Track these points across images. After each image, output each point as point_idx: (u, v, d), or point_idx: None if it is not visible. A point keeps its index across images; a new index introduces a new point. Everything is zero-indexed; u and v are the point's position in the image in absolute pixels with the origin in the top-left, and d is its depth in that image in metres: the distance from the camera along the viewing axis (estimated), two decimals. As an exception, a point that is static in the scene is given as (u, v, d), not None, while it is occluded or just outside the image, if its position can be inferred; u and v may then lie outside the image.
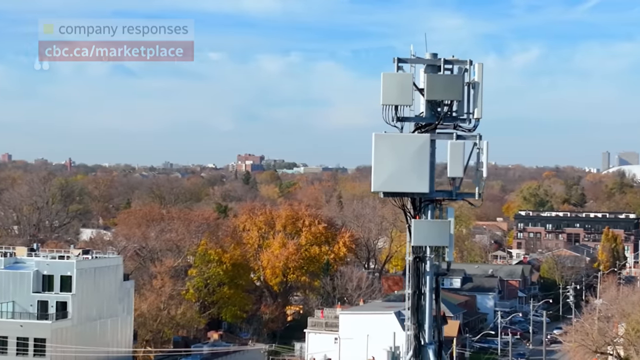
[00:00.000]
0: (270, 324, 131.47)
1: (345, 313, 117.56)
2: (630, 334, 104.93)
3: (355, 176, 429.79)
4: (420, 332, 28.01)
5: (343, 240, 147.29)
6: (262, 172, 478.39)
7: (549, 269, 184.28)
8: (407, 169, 27.25)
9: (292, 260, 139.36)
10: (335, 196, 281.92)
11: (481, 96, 27.56)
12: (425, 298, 28.08)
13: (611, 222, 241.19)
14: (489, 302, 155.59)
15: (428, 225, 27.68)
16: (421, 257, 27.96)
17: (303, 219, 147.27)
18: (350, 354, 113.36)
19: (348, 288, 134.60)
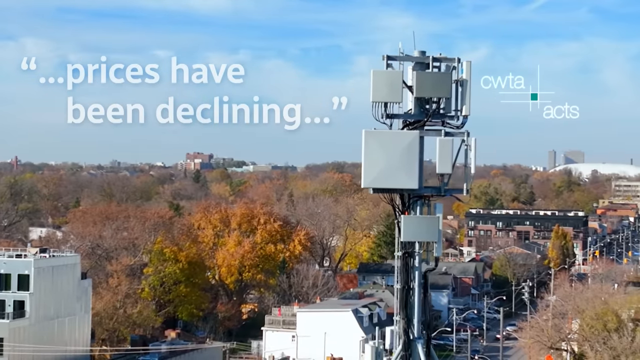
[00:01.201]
0: (227, 322, 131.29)
1: (302, 311, 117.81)
2: (584, 330, 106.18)
3: (305, 174, 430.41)
4: (410, 326, 28.30)
5: (298, 238, 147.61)
6: (211, 170, 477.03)
7: (501, 267, 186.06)
8: (396, 165, 27.57)
9: (247, 259, 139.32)
10: (286, 194, 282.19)
11: (469, 94, 27.95)
12: (414, 293, 28.39)
13: (560, 220, 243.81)
14: (442, 300, 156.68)
15: (417, 221, 28.02)
16: (410, 253, 28.24)
17: (258, 217, 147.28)
18: (307, 351, 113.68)
19: (304, 286, 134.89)
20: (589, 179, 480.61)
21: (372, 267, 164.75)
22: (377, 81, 27.65)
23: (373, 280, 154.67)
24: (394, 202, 28.41)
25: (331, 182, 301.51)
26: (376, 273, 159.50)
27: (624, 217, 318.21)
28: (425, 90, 27.72)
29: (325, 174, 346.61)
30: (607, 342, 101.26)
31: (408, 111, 28.28)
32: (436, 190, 28.37)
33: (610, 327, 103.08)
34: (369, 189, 28.17)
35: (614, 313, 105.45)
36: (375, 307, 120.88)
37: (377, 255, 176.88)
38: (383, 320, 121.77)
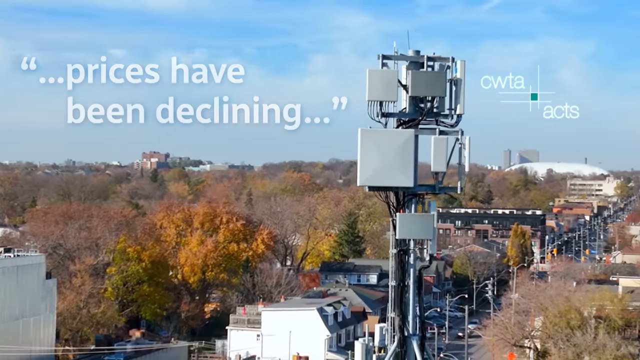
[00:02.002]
0: (191, 321, 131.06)
1: (267, 310, 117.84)
2: (548, 328, 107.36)
3: (262, 174, 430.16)
4: (405, 323, 28.53)
5: (261, 237, 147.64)
6: (168, 169, 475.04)
7: (462, 265, 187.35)
8: (392, 163, 27.80)
9: (210, 258, 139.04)
10: (245, 194, 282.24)
11: (463, 93, 28.23)
12: (409, 290, 28.63)
13: (518, 219, 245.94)
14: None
15: (413, 218, 28.26)
16: (405, 250, 28.47)
17: (221, 217, 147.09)
18: (272, 350, 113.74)
19: (268, 285, 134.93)
20: (545, 178, 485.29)
21: (334, 266, 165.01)
22: (372, 80, 27.87)
23: (335, 279, 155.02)
24: (389, 200, 28.60)
25: (290, 182, 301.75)
26: (338, 272, 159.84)
27: (579, 215, 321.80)
28: (421, 89, 27.98)
29: (284, 173, 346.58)
30: (571, 339, 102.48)
31: (402, 110, 28.51)
32: (431, 188, 28.65)
33: (574, 324, 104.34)
34: (364, 187, 28.30)
35: (577, 310, 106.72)
36: (340, 305, 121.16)
37: (339, 254, 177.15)
38: (347, 319, 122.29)
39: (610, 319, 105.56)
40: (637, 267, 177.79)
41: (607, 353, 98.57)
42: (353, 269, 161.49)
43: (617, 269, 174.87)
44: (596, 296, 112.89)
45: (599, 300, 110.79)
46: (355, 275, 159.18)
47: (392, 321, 28.86)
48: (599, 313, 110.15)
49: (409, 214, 28.11)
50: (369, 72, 27.77)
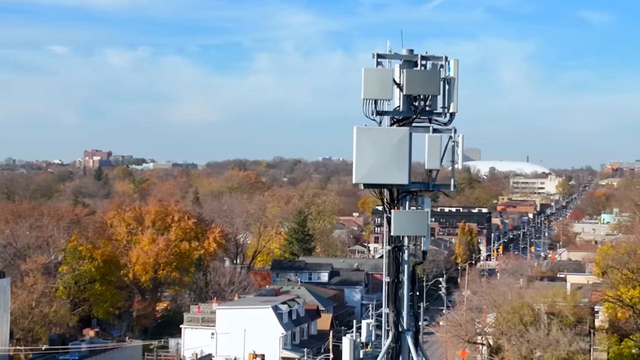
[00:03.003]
0: (143, 320, 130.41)
1: (222, 308, 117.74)
2: (501, 324, 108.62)
3: (207, 172, 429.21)
4: (399, 319, 28.81)
5: (213, 235, 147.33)
6: (111, 168, 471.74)
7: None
8: (387, 161, 28.04)
9: (162, 256, 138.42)
10: (191, 192, 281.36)
11: (457, 91, 28.57)
12: (403, 286, 28.93)
13: (465, 217, 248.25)
14: (356, 296, 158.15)
15: (407, 215, 28.52)
16: (399, 247, 28.74)
17: (173, 215, 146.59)
18: (227, 348, 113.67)
19: (221, 283, 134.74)
20: (487, 176, 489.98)
21: (286, 264, 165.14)
22: (367, 79, 28.04)
23: (287, 277, 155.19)
24: (384, 198, 28.87)
25: (236, 180, 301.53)
26: (289, 270, 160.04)
27: (523, 213, 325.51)
28: (415, 87, 28.20)
29: (229, 172, 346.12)
30: (524, 335, 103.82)
31: (396, 108, 28.76)
32: (424, 185, 28.93)
33: (527, 320, 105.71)
34: (360, 184, 28.51)
35: (529, 307, 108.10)
36: (294, 303, 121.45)
37: (289, 252, 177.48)
38: (302, 316, 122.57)
39: (562, 315, 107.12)
40: (583, 264, 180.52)
41: (560, 349, 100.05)
42: (304, 267, 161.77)
43: (563, 266, 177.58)
44: (548, 293, 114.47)
45: (551, 297, 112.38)
46: (306, 273, 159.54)
47: (386, 317, 29.09)
48: (551, 309, 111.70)
49: (404, 211, 28.37)
50: (365, 71, 27.96)
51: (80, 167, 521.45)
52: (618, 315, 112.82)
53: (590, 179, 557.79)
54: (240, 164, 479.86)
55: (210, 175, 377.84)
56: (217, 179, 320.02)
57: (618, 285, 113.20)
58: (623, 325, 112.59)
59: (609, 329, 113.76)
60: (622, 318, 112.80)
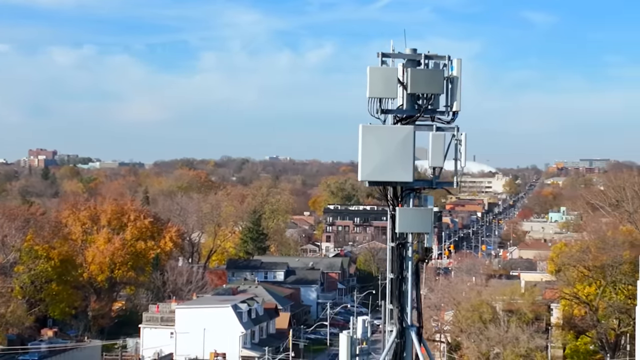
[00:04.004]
0: (100, 320, 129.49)
1: (181, 307, 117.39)
2: (460, 322, 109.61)
3: (155, 171, 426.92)
4: (403, 315, 29.12)
5: (169, 235, 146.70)
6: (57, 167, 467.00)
7: (365, 261, 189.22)
8: (392, 159, 28.32)
9: (118, 256, 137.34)
10: (140, 191, 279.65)
11: (460, 90, 28.95)
12: (407, 283, 29.24)
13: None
14: (312, 295, 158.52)
15: (412, 213, 28.81)
16: (403, 244, 29.04)
17: (128, 214, 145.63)
18: (187, 348, 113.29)
19: (178, 282, 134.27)
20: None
21: (241, 263, 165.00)
22: (373, 77, 28.28)
23: (243, 276, 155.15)
24: (387, 195, 29.14)
25: (186, 179, 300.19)
26: (245, 269, 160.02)
27: (472, 212, 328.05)
28: (419, 86, 28.50)
29: (179, 171, 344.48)
30: (483, 332, 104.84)
31: (399, 107, 29.04)
32: (428, 183, 29.26)
33: (486, 318, 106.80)
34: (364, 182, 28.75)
35: (488, 304, 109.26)
36: (254, 302, 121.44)
37: (244, 251, 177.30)
38: (261, 315, 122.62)
39: (520, 312, 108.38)
40: (535, 262, 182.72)
41: (520, 346, 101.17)
42: (260, 266, 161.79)
43: (516, 265, 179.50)
44: (506, 290, 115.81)
45: (509, 295, 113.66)
46: (262, 272, 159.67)
47: (390, 313, 29.37)
48: (509, 307, 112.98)
49: (409, 209, 28.65)
50: (370, 70, 28.21)
51: (25, 166, 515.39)
52: (575, 312, 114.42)
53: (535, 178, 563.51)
54: (188, 163, 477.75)
55: (158, 174, 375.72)
56: (167, 178, 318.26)
57: (574, 282, 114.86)
58: (579, 322, 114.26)
59: (565, 325, 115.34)
60: (579, 315, 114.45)
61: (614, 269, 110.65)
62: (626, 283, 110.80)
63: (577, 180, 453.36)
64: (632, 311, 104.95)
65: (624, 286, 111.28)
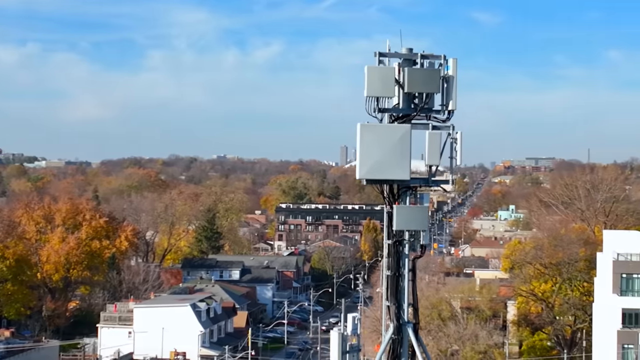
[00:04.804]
0: (56, 319, 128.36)
1: (139, 307, 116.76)
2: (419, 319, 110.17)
3: (103, 170, 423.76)
4: (400, 311, 29.41)
5: (125, 234, 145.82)
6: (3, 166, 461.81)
7: (320, 260, 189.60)
8: (389, 157, 28.61)
9: (73, 255, 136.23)
10: (90, 190, 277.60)
11: (455, 89, 29.30)
12: (404, 280, 29.54)
13: (368, 214, 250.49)
14: (267, 293, 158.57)
15: (409, 210, 29.11)
16: (400, 241, 29.33)
17: (84, 213, 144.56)
18: (145, 347, 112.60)
19: (135, 282, 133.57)
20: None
21: (197, 262, 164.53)
22: (371, 76, 28.52)
23: (198, 275, 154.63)
24: (384, 193, 29.41)
25: (136, 178, 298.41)
26: (200, 268, 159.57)
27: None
28: (416, 85, 28.78)
29: (129, 170, 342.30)
30: (443, 329, 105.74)
31: (395, 105, 29.32)
32: (424, 181, 29.53)
33: (445, 315, 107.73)
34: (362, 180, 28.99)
35: (447, 302, 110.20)
36: (212, 301, 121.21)
37: (198, 250, 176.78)
38: (219, 314, 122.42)
39: (479, 309, 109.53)
40: (487, 260, 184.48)
41: (479, 343, 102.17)
42: (215, 265, 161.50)
43: (469, 262, 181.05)
44: (464, 288, 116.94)
45: (467, 292, 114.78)
46: (217, 271, 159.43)
47: (387, 310, 29.63)
48: (467, 304, 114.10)
49: (405, 206, 28.93)
50: (368, 69, 28.45)
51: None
52: (531, 309, 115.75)
53: (483, 176, 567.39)
54: (136, 161, 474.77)
55: (107, 173, 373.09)
56: (116, 177, 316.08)
57: (530, 279, 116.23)
58: (535, 319, 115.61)
59: (521, 322, 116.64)
60: (535, 312, 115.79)
61: (570, 266, 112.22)
62: (582, 280, 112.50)
63: (524, 178, 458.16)
64: (587, 307, 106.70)
65: (580, 283, 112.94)
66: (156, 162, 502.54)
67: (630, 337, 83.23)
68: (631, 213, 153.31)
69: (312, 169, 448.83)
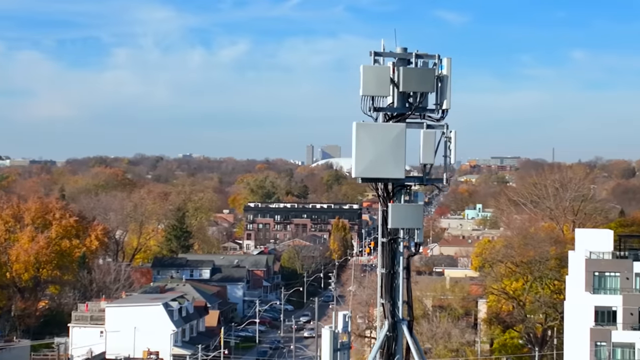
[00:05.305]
0: (26, 319, 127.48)
1: (111, 306, 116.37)
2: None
3: (68, 169, 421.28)
4: (394, 309, 29.64)
5: (95, 233, 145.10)
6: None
7: (289, 259, 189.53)
8: (385, 156, 28.82)
9: (43, 255, 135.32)
10: (56, 189, 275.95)
11: (449, 88, 29.58)
12: (398, 277, 29.77)
13: (336, 213, 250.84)
14: (238, 292, 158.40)
15: (404, 208, 29.31)
16: (395, 239, 29.53)
17: (53, 212, 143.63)
18: (117, 346, 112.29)
19: (106, 281, 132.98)
20: (350, 172, 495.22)
21: (167, 261, 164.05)
22: (366, 76, 28.72)
23: (169, 274, 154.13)
24: (379, 191, 29.61)
25: (103, 177, 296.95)
26: (171, 267, 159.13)
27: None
28: (411, 85, 29.01)
29: (96, 169, 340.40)
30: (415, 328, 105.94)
31: (389, 105, 29.52)
32: (419, 179, 29.74)
33: (417, 313, 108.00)
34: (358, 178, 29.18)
35: (419, 301, 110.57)
36: (184, 300, 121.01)
37: (167, 249, 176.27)
38: (191, 313, 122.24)
39: (451, 307, 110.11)
40: (456, 259, 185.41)
41: (452, 341, 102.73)
42: (186, 264, 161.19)
43: (438, 261, 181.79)
44: (436, 286, 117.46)
45: (439, 290, 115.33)
46: (188, 270, 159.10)
47: (382, 307, 29.83)
48: (439, 302, 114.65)
49: (400, 204, 29.13)
50: (363, 68, 28.64)
51: None
52: (502, 307, 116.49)
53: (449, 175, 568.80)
54: (102, 160, 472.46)
55: (73, 172, 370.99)
56: (83, 176, 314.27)
57: (502, 278, 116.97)
58: (506, 317, 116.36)
59: (492, 320, 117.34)
60: (506, 310, 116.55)
61: (541, 265, 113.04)
62: (552, 278, 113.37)
63: (490, 177, 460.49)
64: (558, 305, 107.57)
65: (550, 281, 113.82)
66: (122, 161, 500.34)
67: (603, 335, 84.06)
68: (599, 212, 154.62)
69: (278, 168, 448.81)
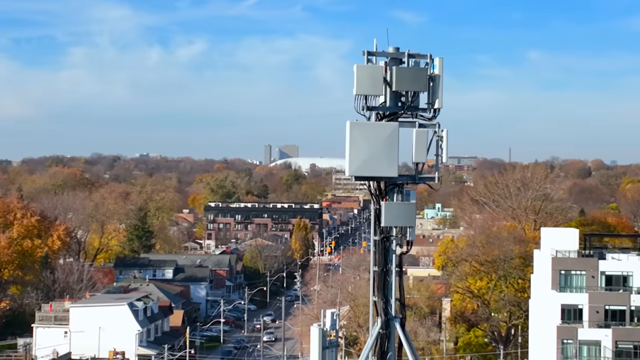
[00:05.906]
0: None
1: (76, 306, 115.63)
2: (358, 317, 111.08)
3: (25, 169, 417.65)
4: (387, 306, 29.88)
5: (57, 233, 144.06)
6: None
7: (252, 258, 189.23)
8: (378, 154, 29.05)
9: (4, 255, 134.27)
10: (14, 189, 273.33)
11: (441, 88, 29.87)
12: (390, 275, 30.02)
13: (297, 212, 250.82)
14: (201, 292, 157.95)
15: (397, 207, 29.58)
16: (388, 237, 29.77)
17: (14, 212, 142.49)
18: (82, 346, 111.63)
19: (69, 281, 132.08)
20: (309, 172, 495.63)
21: (129, 261, 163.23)
22: (360, 75, 28.92)
23: (131, 274, 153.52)
24: (372, 190, 29.81)
25: (61, 177, 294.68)
26: (133, 267, 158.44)
27: (349, 209, 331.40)
28: (404, 84, 29.24)
29: (54, 169, 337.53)
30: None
31: (381, 104, 29.72)
32: (411, 178, 29.98)
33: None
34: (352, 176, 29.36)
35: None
36: (149, 300, 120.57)
37: (129, 249, 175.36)
38: (156, 313, 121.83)
39: (417, 306, 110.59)
40: (417, 258, 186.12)
41: (418, 340, 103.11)
42: (148, 264, 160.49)
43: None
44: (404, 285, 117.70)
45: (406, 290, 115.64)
46: (150, 270, 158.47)
47: (375, 305, 30.06)
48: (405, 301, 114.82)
49: (393, 203, 29.37)
50: (357, 67, 28.84)
51: None
52: (467, 306, 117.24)
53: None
54: (58, 160, 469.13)
55: (29, 172, 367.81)
56: (41, 175, 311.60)
57: (466, 276, 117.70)
58: (471, 316, 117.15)
59: (457, 319, 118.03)
60: (471, 308, 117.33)
61: (505, 264, 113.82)
62: (516, 277, 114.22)
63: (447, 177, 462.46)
64: (523, 304, 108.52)
65: (515, 280, 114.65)
66: (79, 160, 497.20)
67: (570, 333, 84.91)
68: (559, 211, 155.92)
69: (237, 168, 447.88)
